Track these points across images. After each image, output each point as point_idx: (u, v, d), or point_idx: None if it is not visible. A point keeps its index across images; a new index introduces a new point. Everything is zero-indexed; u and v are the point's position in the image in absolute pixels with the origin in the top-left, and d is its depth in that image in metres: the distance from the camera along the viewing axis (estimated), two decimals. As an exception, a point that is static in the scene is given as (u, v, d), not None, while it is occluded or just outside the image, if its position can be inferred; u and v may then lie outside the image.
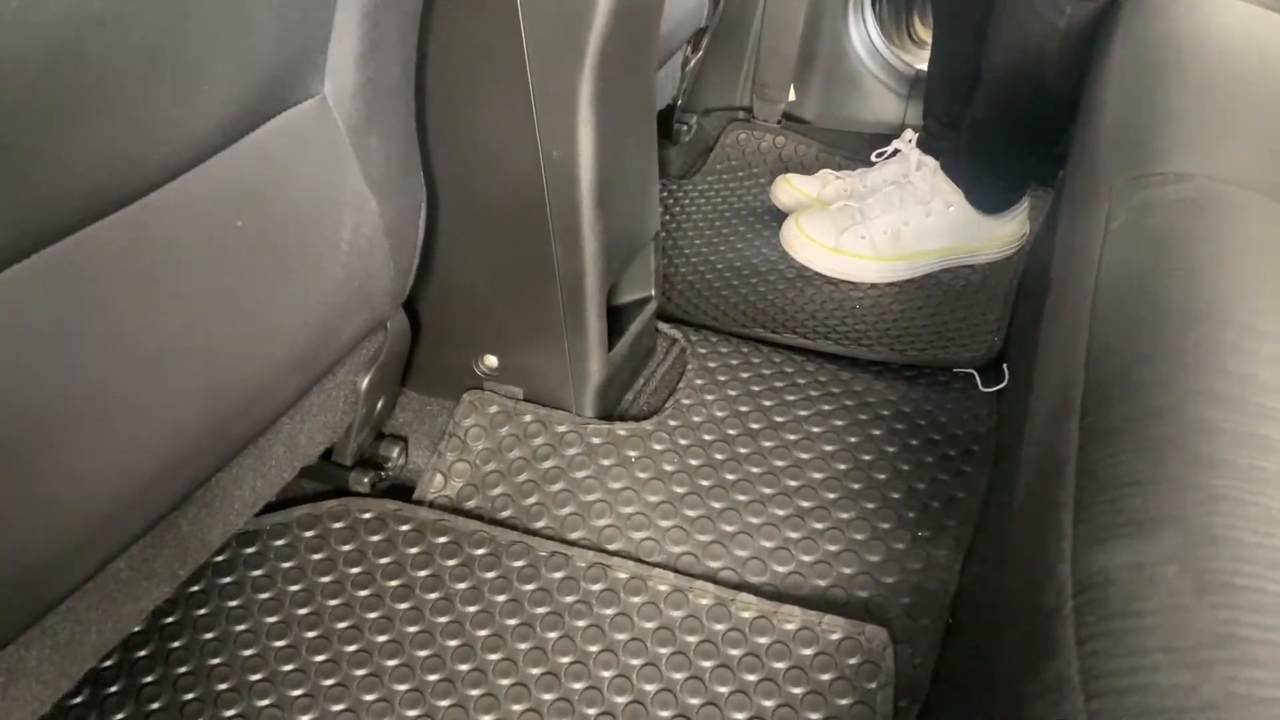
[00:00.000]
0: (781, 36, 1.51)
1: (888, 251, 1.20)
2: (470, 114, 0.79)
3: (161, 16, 0.49)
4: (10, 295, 0.47)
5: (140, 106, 0.51)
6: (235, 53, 0.56)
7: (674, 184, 1.50)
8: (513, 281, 0.87)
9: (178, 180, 0.56)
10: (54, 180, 0.48)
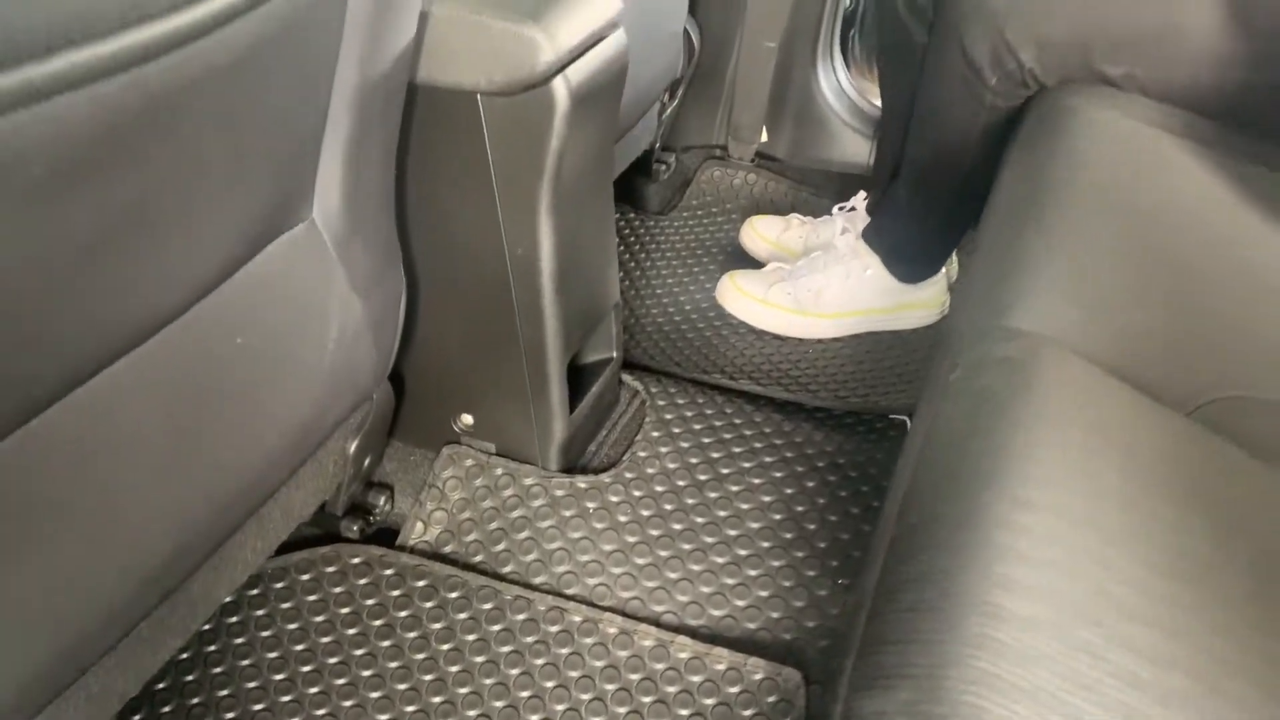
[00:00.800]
0: (754, 82, 1.61)
1: (811, 309, 1.30)
2: (444, 217, 0.90)
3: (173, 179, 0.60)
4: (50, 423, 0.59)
5: (153, 256, 0.62)
6: (235, 200, 0.67)
7: (651, 219, 1.60)
8: (484, 353, 0.98)
9: (188, 313, 0.67)
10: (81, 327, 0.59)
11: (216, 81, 0.55)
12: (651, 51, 1.39)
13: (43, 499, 0.59)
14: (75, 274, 0.54)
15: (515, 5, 0.80)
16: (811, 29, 1.56)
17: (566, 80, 0.82)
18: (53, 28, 0.43)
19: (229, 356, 0.72)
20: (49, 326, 0.55)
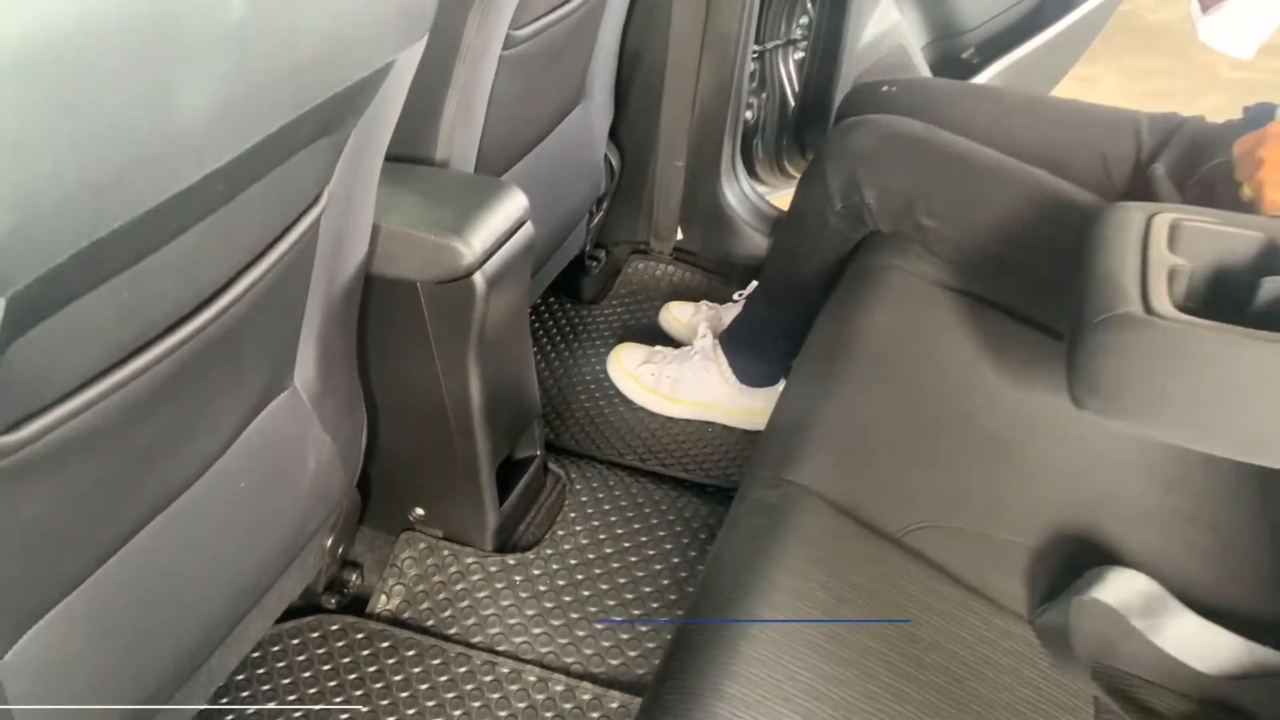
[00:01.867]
0: (669, 191, 1.89)
1: (665, 392, 1.58)
2: (394, 369, 1.18)
3: (190, 409, 0.87)
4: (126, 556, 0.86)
5: (181, 450, 0.89)
6: (238, 397, 0.94)
7: (585, 308, 1.88)
8: (430, 462, 1.26)
9: (206, 474, 0.94)
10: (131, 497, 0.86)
11: (221, 346, 0.82)
12: (579, 175, 1.68)
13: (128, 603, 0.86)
14: (126, 474, 0.81)
15: (445, 220, 1.07)
16: (715, 146, 1.83)
17: (484, 273, 1.09)
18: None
19: (237, 496, 0.99)
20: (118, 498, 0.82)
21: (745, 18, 1.68)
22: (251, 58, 0.64)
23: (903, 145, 1.23)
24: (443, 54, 1.12)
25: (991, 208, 1.14)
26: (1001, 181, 1.16)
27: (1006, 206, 1.13)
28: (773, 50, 1.90)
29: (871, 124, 1.26)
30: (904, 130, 1.24)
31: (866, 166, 1.24)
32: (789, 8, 1.87)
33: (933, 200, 1.18)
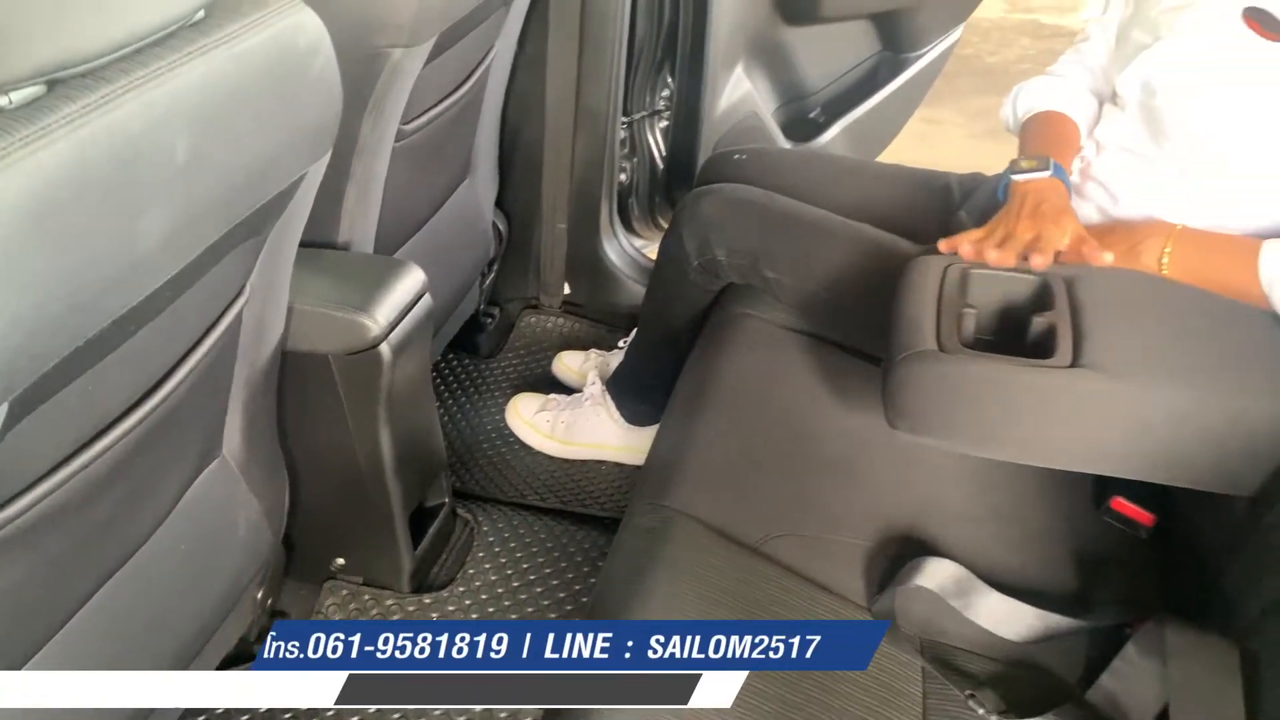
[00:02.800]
0: (554, 250, 2.05)
1: (560, 436, 1.74)
2: (312, 433, 1.31)
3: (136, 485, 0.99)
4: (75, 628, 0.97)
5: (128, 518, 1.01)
6: (176, 470, 1.06)
7: (483, 362, 2.03)
8: (348, 515, 1.39)
9: (150, 539, 1.06)
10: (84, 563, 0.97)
11: (165, 424, 0.95)
12: (469, 243, 1.83)
13: (88, 658, 0.97)
14: (88, 542, 0.93)
15: (352, 298, 1.21)
16: (594, 207, 2.01)
17: (389, 343, 1.23)
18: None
19: (179, 557, 1.11)
20: (81, 564, 0.94)
21: (612, 93, 1.87)
22: (195, 189, 0.78)
23: (746, 210, 1.42)
24: (343, 152, 1.27)
25: (823, 259, 1.34)
26: (831, 236, 1.35)
27: (836, 257, 1.33)
28: (640, 120, 2.09)
29: (718, 192, 1.45)
30: (746, 197, 1.44)
31: (716, 230, 1.43)
32: (652, 82, 2.06)
33: (774, 255, 1.37)
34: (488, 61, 1.59)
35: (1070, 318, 1.05)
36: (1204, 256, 1.11)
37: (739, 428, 1.22)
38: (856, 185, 1.51)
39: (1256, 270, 1.06)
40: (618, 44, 1.83)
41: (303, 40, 0.89)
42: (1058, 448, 1.03)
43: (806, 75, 2.25)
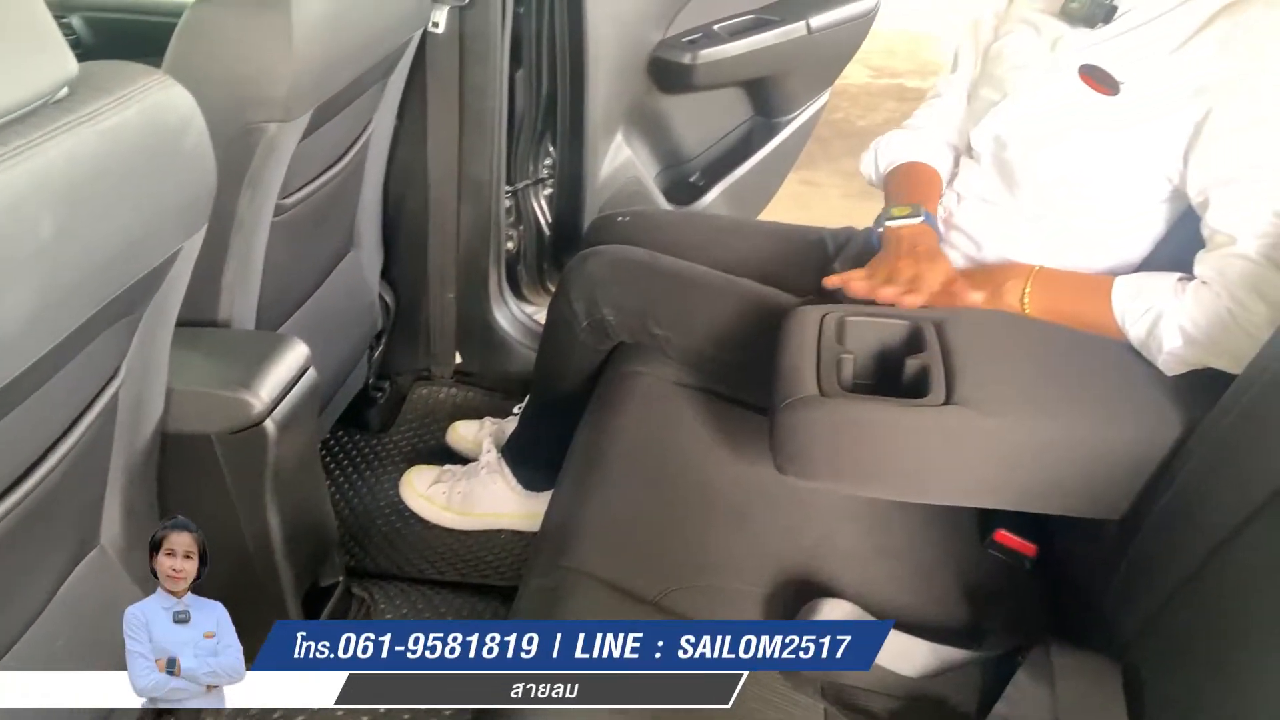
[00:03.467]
0: (444, 320, 2.05)
1: (457, 507, 1.73)
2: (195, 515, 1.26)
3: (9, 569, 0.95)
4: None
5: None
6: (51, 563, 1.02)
7: (374, 438, 2.00)
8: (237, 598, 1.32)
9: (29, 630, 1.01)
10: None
11: (37, 513, 0.91)
12: (355, 316, 1.81)
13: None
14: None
15: (233, 376, 1.19)
16: (482, 276, 2.02)
17: (274, 420, 1.21)
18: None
19: (54, 655, 1.05)
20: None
21: (495, 163, 1.90)
22: (61, 268, 0.77)
23: (631, 270, 1.45)
24: (220, 228, 1.25)
25: (707, 315, 1.37)
26: (714, 292, 1.39)
27: (719, 312, 1.36)
28: (525, 188, 2.11)
29: (603, 254, 1.48)
30: (631, 257, 1.47)
31: (603, 290, 1.45)
32: (534, 151, 2.09)
33: (660, 313, 1.40)
34: (367, 134, 1.60)
35: (942, 358, 1.09)
36: (1061, 294, 1.18)
37: (634, 484, 1.23)
38: (736, 243, 1.56)
39: (1110, 305, 1.13)
40: (498, 115, 1.86)
41: (173, 116, 0.88)
42: (938, 484, 1.07)
43: (685, 141, 2.31)
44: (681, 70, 2.11)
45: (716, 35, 2.13)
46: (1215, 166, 1.08)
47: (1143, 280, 1.13)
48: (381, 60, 1.49)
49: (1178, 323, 1.07)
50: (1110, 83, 1.15)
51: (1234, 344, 1.04)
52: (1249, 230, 1.05)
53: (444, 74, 1.77)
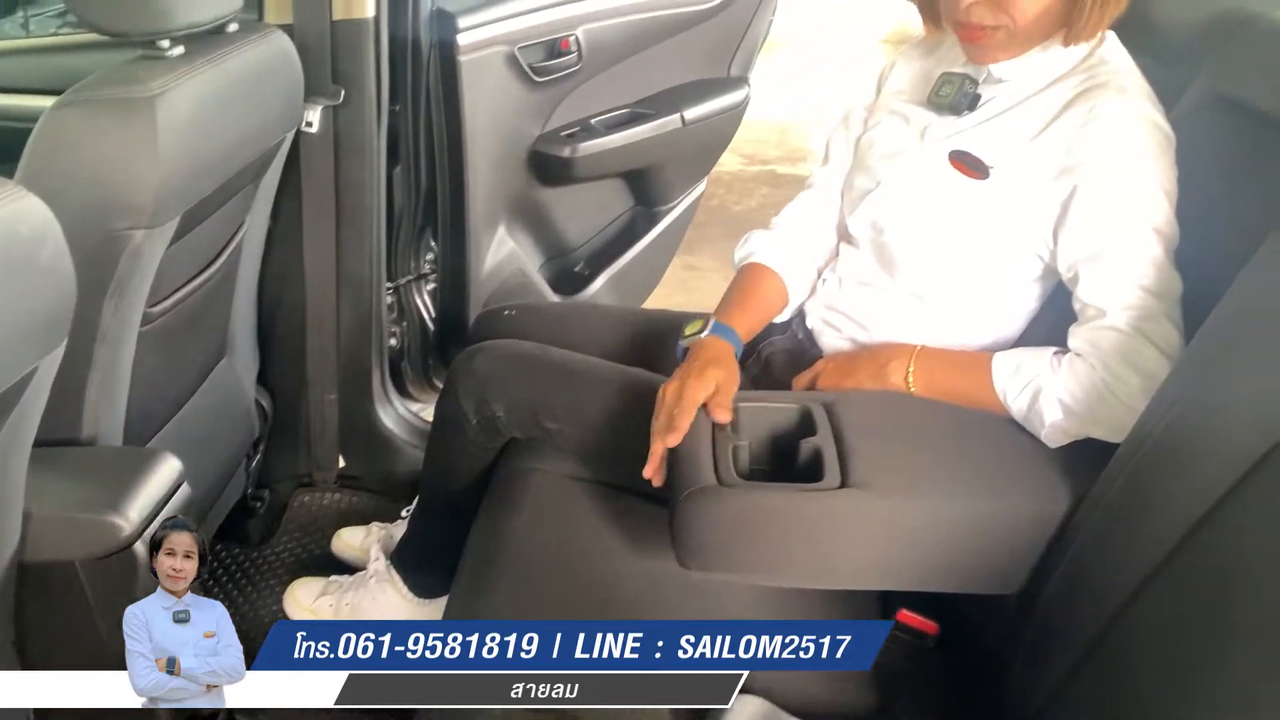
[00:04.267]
0: (325, 422, 1.98)
1: (346, 617, 1.65)
2: (57, 649, 1.17)
3: None
4: None
5: None
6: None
7: (255, 551, 1.90)
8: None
9: None
10: None
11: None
12: (230, 425, 1.74)
13: None
14: None
15: (98, 497, 1.11)
16: (364, 375, 1.96)
17: (145, 542, 1.13)
18: None
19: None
20: None
21: (375, 260, 1.86)
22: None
23: (520, 363, 1.43)
24: (82, 340, 1.18)
25: (599, 405, 1.35)
26: (605, 382, 1.38)
27: (612, 402, 1.34)
28: (407, 284, 2.08)
29: (490, 349, 1.45)
30: (519, 350, 1.45)
31: (492, 385, 1.42)
32: (415, 246, 2.07)
33: (551, 405, 1.37)
34: (240, 237, 1.55)
35: (834, 441, 1.10)
36: (943, 372, 1.20)
37: (530, 584, 1.19)
38: (624, 332, 1.56)
39: (991, 381, 1.15)
40: (376, 212, 1.83)
41: (26, 228, 0.84)
42: (839, 568, 1.06)
43: (568, 231, 2.32)
44: (562, 163, 2.12)
45: (594, 129, 2.16)
46: (1082, 243, 1.13)
47: (1021, 355, 1.16)
48: (254, 161, 1.46)
49: (1056, 396, 1.10)
50: (980, 167, 1.20)
51: (1111, 414, 1.07)
52: (1117, 303, 1.09)
53: (319, 173, 1.74)
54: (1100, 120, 1.12)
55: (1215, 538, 0.87)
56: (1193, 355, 1.01)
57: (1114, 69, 1.16)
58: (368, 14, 1.67)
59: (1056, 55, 1.19)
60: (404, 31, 1.82)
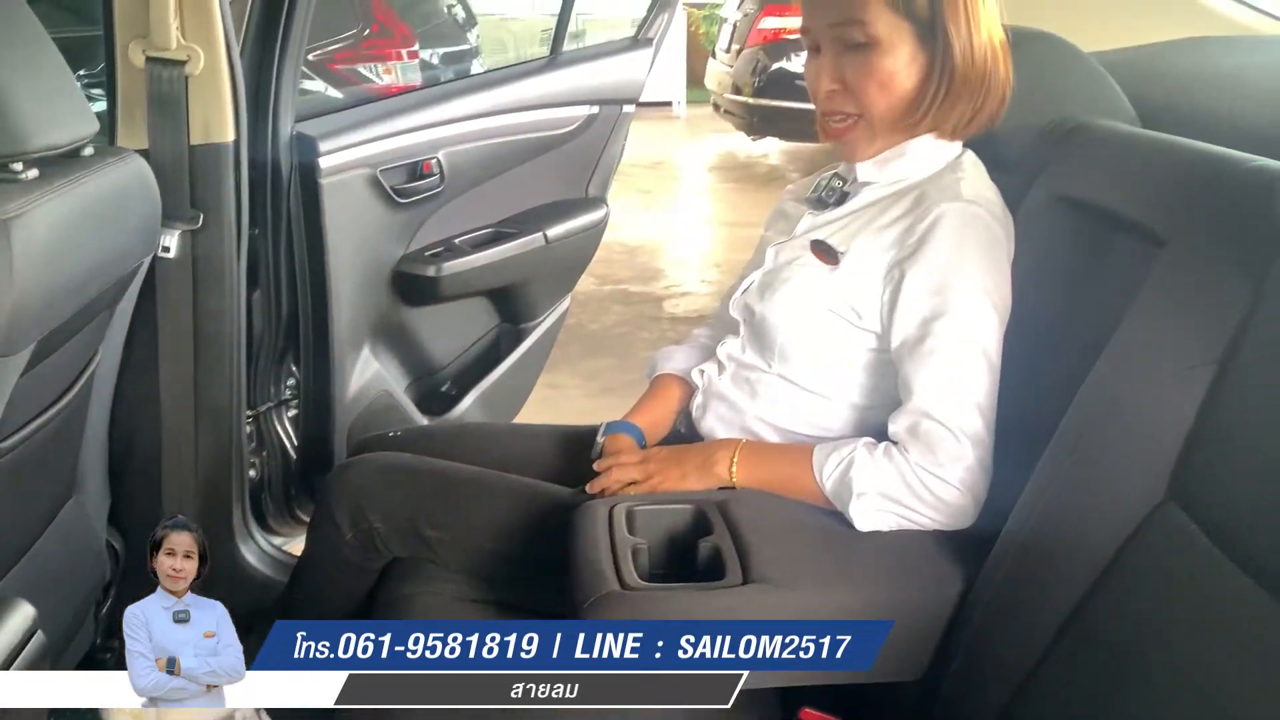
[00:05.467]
0: (182, 562, 1.86)
1: None
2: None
3: None
4: None
5: None
6: None
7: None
8: None
9: None
10: None
11: None
12: (79, 572, 1.62)
13: None
14: None
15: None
16: (225, 510, 1.87)
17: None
18: None
19: None
20: None
21: (234, 387, 1.79)
22: None
23: (399, 473, 1.39)
24: (-81, 481, 1.09)
25: (485, 512, 1.32)
26: (489, 489, 1.36)
27: (497, 509, 1.32)
28: (267, 411, 2.01)
29: (366, 460, 1.41)
30: (396, 461, 1.41)
31: (368, 497, 1.37)
32: (276, 372, 2.01)
33: (433, 513, 1.33)
34: (92, 367, 1.47)
35: (731, 538, 1.10)
36: (767, 464, 1.24)
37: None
38: (505, 446, 1.54)
39: (810, 465, 1.18)
40: (235, 339, 1.77)
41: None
42: (745, 665, 1.05)
43: (434, 351, 2.30)
44: (427, 283, 2.12)
45: (459, 248, 2.18)
46: (905, 331, 1.19)
47: (839, 442, 1.20)
48: (110, 287, 1.40)
49: (866, 474, 1.14)
50: (833, 255, 1.26)
51: (925, 498, 1.12)
52: (926, 393, 1.15)
53: (176, 299, 1.68)
54: (933, 217, 1.19)
55: (1104, 607, 0.91)
56: (1061, 439, 1.05)
57: (963, 175, 1.24)
58: (227, 138, 1.65)
59: (916, 159, 1.27)
60: (264, 155, 1.81)
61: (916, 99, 1.23)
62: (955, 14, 1.19)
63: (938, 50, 1.20)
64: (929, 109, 1.23)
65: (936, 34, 1.20)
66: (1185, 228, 0.99)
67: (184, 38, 1.57)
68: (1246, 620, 0.80)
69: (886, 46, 1.20)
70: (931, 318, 1.17)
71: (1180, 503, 0.88)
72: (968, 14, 1.20)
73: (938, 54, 1.20)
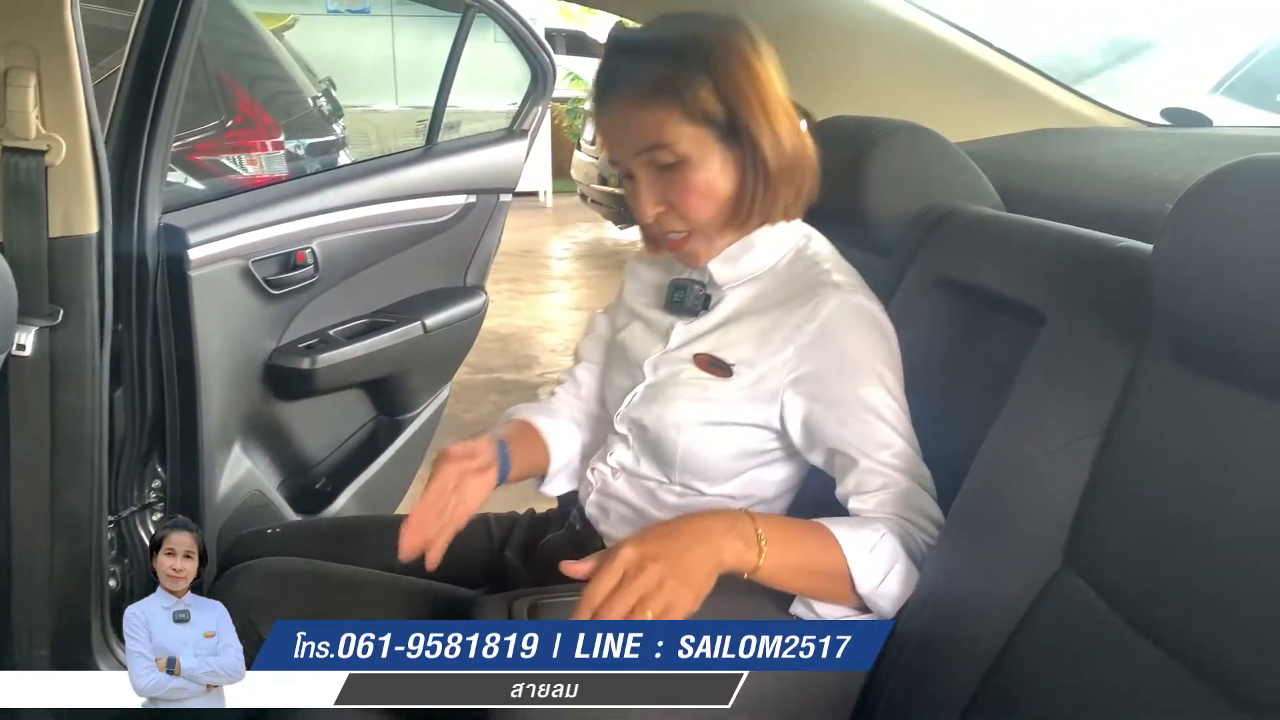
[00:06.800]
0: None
1: None
2: None
3: None
4: None
5: None
6: None
7: None
8: None
9: None
10: None
11: None
12: None
13: None
14: None
15: None
16: (82, 627, 1.73)
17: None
18: None
19: None
20: None
21: (95, 493, 1.68)
22: None
23: (289, 581, 1.32)
24: None
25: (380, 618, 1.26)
26: (383, 592, 1.30)
27: (392, 614, 1.26)
28: (129, 516, 1.89)
29: (255, 567, 1.34)
30: (287, 567, 1.34)
31: (257, 608, 1.29)
32: (139, 474, 1.89)
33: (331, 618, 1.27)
34: (-63, 476, 1.36)
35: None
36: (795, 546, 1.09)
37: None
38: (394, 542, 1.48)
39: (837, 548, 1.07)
40: (97, 439, 1.66)
41: None
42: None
43: (308, 446, 2.22)
44: (301, 376, 2.05)
45: (334, 339, 2.12)
46: (824, 439, 1.17)
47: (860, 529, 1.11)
48: (-40, 388, 1.30)
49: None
50: (723, 367, 1.24)
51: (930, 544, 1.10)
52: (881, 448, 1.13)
53: (33, 400, 1.58)
54: (821, 320, 1.17)
55: (1012, 677, 0.93)
56: (957, 515, 1.07)
57: (827, 268, 1.23)
58: (90, 230, 1.57)
59: (765, 248, 1.26)
60: (130, 247, 1.73)
61: (739, 197, 1.21)
62: (751, 112, 1.17)
63: (746, 148, 1.19)
64: (754, 204, 1.21)
65: (739, 134, 1.18)
66: (1064, 305, 1.03)
67: (44, 126, 1.51)
68: (1148, 684, 0.82)
69: (697, 160, 1.18)
70: (849, 420, 1.14)
71: (1077, 570, 0.91)
72: (763, 107, 1.18)
73: (747, 151, 1.19)
